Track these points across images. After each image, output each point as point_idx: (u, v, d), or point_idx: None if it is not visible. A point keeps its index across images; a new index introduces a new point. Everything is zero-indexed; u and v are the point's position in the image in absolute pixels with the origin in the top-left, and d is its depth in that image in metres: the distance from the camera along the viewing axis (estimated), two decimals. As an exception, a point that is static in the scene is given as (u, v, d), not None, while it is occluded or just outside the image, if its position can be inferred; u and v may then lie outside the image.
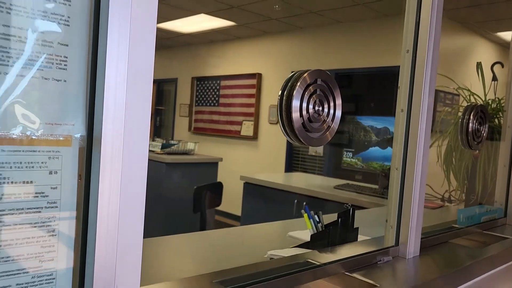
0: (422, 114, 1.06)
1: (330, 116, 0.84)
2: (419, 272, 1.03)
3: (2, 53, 0.48)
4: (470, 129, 1.31)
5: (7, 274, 0.51)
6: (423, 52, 1.05)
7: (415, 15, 1.07)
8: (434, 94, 1.08)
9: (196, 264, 1.07)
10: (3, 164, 0.50)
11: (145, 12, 0.54)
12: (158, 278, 0.88)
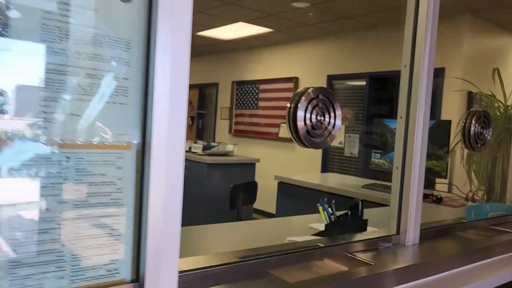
0: (418, 120, 1.22)
1: (330, 124, 1.04)
2: (413, 256, 1.20)
3: (89, 86, 0.73)
4: (472, 132, 1.44)
5: (91, 237, 0.75)
6: (419, 67, 1.21)
7: (411, 33, 1.24)
8: (430, 101, 1.24)
9: (226, 245, 1.30)
10: (90, 162, 0.74)
11: (180, 60, 0.77)
12: (195, 253, 1.11)
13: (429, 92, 1.22)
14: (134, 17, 0.77)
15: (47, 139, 0.70)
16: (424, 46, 1.19)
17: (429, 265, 1.18)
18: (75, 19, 0.71)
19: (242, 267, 0.96)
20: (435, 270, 1.17)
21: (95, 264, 0.77)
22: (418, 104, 1.21)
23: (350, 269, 1.07)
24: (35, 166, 0.70)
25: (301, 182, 3.07)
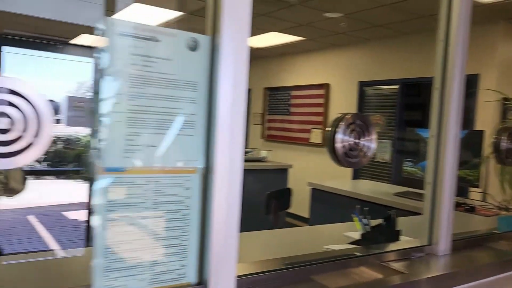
0: (449, 140, 1.32)
1: (365, 147, 1.15)
2: (445, 266, 1.29)
3: (164, 122, 0.88)
4: (502, 148, 1.52)
5: (166, 246, 0.90)
6: (449, 90, 1.31)
7: (442, 55, 1.34)
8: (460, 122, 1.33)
9: (269, 253, 1.43)
10: (164, 184, 0.89)
11: (239, 98, 0.91)
12: (241, 260, 1.24)
13: (459, 113, 1.31)
14: (200, 63, 0.91)
15: (132, 166, 0.86)
16: (455, 67, 1.29)
17: (461, 274, 1.27)
18: (154, 68, 0.86)
19: (287, 274, 1.09)
20: (467, 279, 1.26)
21: (167, 269, 0.91)
22: (449, 126, 1.31)
23: (385, 277, 1.18)
24: (121, 188, 0.85)
25: (334, 189, 3.17)
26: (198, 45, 0.91)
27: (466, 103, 1.35)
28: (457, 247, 1.43)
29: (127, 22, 0.83)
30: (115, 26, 0.82)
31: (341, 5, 4.17)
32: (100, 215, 0.83)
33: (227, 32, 0.89)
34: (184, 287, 0.94)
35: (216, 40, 0.90)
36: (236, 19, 0.90)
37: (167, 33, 0.87)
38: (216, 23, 0.90)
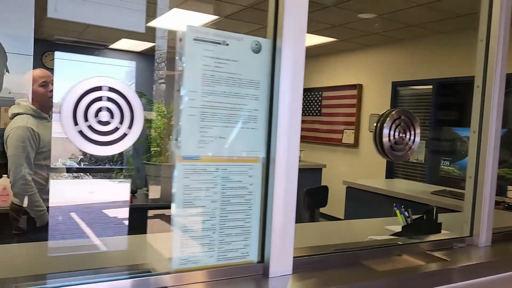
0: (490, 136, 1.37)
1: (411, 140, 1.23)
2: (486, 255, 1.35)
3: (231, 117, 0.99)
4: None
5: (232, 227, 1.01)
6: (490, 88, 1.37)
7: (483, 55, 1.40)
8: (501, 118, 1.39)
9: (315, 242, 1.52)
10: (231, 172, 1.00)
11: (296, 95, 1.01)
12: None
13: (500, 110, 1.37)
14: (262, 64, 1.02)
15: (204, 155, 0.97)
16: (496, 62, 1.35)
17: (501, 264, 1.33)
18: (224, 68, 0.98)
19: (337, 257, 1.18)
20: (507, 268, 1.32)
21: (233, 248, 1.03)
22: (490, 122, 1.36)
23: (428, 263, 1.25)
24: (196, 174, 0.97)
25: (370, 188, 3.22)
26: (261, 47, 1.02)
27: (506, 102, 1.41)
28: (497, 239, 1.48)
29: (201, 28, 0.94)
30: (191, 33, 0.94)
31: (375, 6, 4.22)
32: (178, 198, 0.95)
33: (288, 36, 0.99)
34: (247, 265, 1.04)
35: (278, 43, 1.01)
36: (295, 25, 1.00)
37: (235, 37, 0.99)
38: (278, 28, 1.00)
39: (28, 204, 2.43)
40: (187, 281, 0.97)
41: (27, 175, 2.36)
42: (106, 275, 0.93)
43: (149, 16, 4.69)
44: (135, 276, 0.94)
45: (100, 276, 0.92)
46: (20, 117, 2.40)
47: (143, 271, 0.97)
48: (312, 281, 1.05)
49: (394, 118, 1.21)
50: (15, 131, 2.36)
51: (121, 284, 0.92)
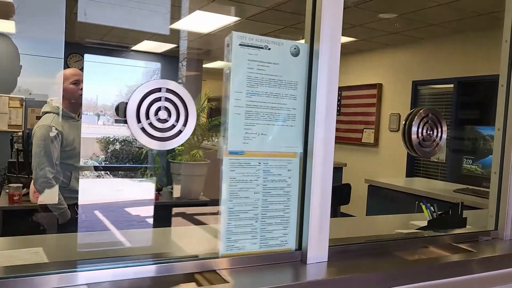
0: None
1: (438, 137, 1.30)
2: (510, 247, 1.40)
3: (272, 115, 1.07)
4: None
5: (272, 217, 1.10)
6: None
7: (508, 55, 1.45)
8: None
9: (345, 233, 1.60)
10: (272, 165, 1.09)
11: (332, 95, 1.09)
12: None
13: (524, 108, 1.43)
14: (300, 66, 1.11)
15: (248, 150, 1.06)
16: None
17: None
18: (266, 71, 1.06)
19: (369, 247, 1.26)
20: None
21: (273, 236, 1.11)
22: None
23: (454, 254, 1.32)
24: (241, 167, 1.06)
25: (393, 186, 3.27)
26: (299, 51, 1.10)
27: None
28: (522, 233, 1.53)
29: (246, 34, 1.03)
30: (238, 39, 1.03)
31: (395, 6, 4.25)
32: (225, 189, 1.04)
33: (325, 41, 1.08)
34: (286, 252, 1.13)
35: (315, 47, 1.09)
36: (332, 30, 1.08)
37: (276, 42, 1.07)
38: (315, 33, 1.09)
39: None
40: (232, 265, 1.06)
41: (48, 173, 2.39)
42: (156, 259, 1.03)
43: (173, 18, 4.81)
44: (184, 260, 1.03)
45: (149, 260, 1.01)
46: (47, 115, 2.46)
47: (191, 256, 1.07)
48: (346, 268, 1.13)
49: (422, 116, 1.28)
50: (39, 130, 2.41)
51: (173, 267, 1.01)
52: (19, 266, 1.03)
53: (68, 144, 2.46)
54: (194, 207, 3.94)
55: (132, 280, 0.96)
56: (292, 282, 1.03)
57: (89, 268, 0.93)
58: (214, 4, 4.44)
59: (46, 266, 1.12)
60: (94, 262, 0.96)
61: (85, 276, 0.92)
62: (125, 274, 0.95)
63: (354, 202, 4.31)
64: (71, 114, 2.50)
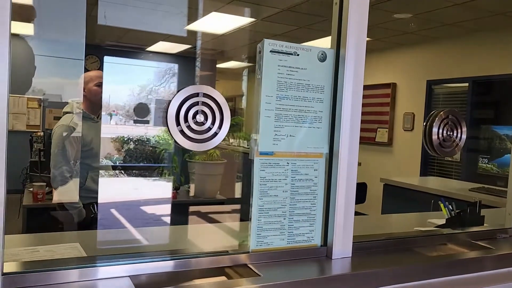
0: (532, 133, 1.47)
1: (458, 138, 1.34)
2: (529, 245, 1.44)
3: (300, 117, 1.13)
4: None
5: (299, 215, 1.16)
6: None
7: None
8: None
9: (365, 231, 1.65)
10: (299, 165, 1.15)
11: (357, 97, 1.15)
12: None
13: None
14: (327, 71, 1.16)
15: (277, 151, 1.12)
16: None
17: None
18: (295, 76, 1.12)
19: (390, 243, 1.31)
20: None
21: (301, 233, 1.17)
22: (532, 120, 1.46)
23: (473, 250, 1.36)
24: (270, 167, 1.12)
25: (409, 185, 3.30)
26: (326, 57, 1.16)
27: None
28: (539, 231, 1.56)
29: (277, 42, 1.09)
30: (269, 45, 1.09)
31: (410, 6, 4.27)
32: (256, 188, 1.11)
33: (351, 47, 1.13)
34: (312, 248, 1.19)
35: (341, 53, 1.15)
36: (357, 37, 1.14)
37: (304, 48, 1.13)
38: (342, 39, 1.14)
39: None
40: (262, 260, 1.12)
41: (66, 172, 2.45)
42: (187, 254, 1.09)
43: (188, 20, 4.88)
44: (216, 255, 1.10)
45: (181, 255, 1.08)
46: (67, 115, 2.51)
47: (221, 251, 1.13)
48: (369, 262, 1.18)
49: (442, 118, 1.33)
50: (58, 129, 2.47)
51: (206, 261, 1.08)
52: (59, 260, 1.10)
53: (86, 144, 2.51)
54: (211, 206, 4.02)
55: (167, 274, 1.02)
56: (318, 275, 1.09)
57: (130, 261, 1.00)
58: (230, 6, 4.51)
59: (83, 260, 1.19)
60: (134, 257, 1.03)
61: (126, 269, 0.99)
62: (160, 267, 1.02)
63: (369, 202, 4.35)
64: (91, 115, 2.55)
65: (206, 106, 1.01)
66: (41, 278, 0.90)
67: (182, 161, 4.31)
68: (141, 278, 0.99)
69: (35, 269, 0.91)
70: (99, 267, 0.97)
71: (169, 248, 1.35)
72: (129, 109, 5.88)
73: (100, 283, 0.95)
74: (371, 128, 6.35)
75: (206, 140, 1.02)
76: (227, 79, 8.73)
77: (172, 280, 1.02)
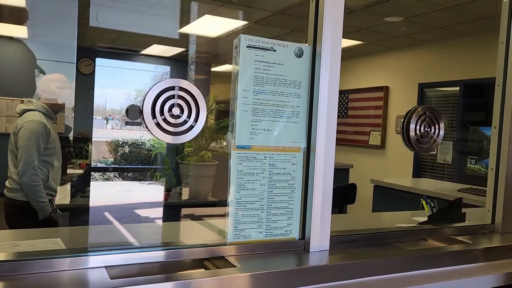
0: (511, 130, 1.49)
1: (435, 134, 1.36)
2: (506, 240, 1.46)
3: (277, 112, 1.15)
4: None
5: (277, 208, 1.18)
6: (510, 87, 1.49)
7: (504, 57, 1.52)
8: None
9: (348, 228, 1.66)
10: (277, 160, 1.17)
11: (333, 93, 1.17)
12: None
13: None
14: (304, 67, 1.18)
15: (254, 145, 1.14)
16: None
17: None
18: (271, 71, 1.14)
19: (369, 237, 1.33)
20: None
21: (278, 226, 1.19)
22: (510, 117, 1.48)
23: (451, 245, 1.38)
24: (248, 161, 1.14)
25: (398, 186, 3.32)
26: (302, 53, 1.18)
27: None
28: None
29: (253, 37, 1.11)
30: (245, 41, 1.11)
31: (401, 9, 4.31)
32: (233, 182, 1.12)
33: (326, 43, 1.15)
34: (290, 241, 1.20)
35: (317, 49, 1.17)
36: (333, 33, 1.16)
37: (281, 44, 1.15)
38: (318, 36, 1.16)
39: (32, 196, 2.48)
40: (240, 252, 1.13)
41: (36, 167, 2.45)
42: (168, 246, 1.11)
43: (182, 23, 4.91)
44: (195, 247, 1.11)
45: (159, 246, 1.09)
46: (33, 113, 2.50)
47: (200, 244, 1.14)
48: (347, 255, 1.20)
49: (419, 114, 1.35)
50: (30, 124, 2.46)
51: (185, 252, 1.09)
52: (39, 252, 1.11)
53: (52, 141, 2.54)
54: (202, 208, 4.03)
55: (142, 265, 1.03)
56: (294, 267, 1.11)
57: (106, 252, 1.01)
58: (223, 9, 4.54)
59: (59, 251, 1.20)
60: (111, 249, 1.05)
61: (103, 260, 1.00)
62: (135, 259, 1.03)
63: (360, 203, 4.37)
64: (53, 115, 2.61)
65: (182, 99, 1.02)
66: (16, 267, 0.91)
67: (174, 163, 4.32)
68: (117, 269, 1.00)
69: (10, 259, 0.92)
70: (75, 257, 0.98)
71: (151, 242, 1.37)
72: (125, 113, 5.88)
73: (76, 273, 0.96)
74: (364, 131, 6.38)
75: (182, 133, 1.03)
76: (222, 82, 8.76)
77: (149, 271, 1.03)
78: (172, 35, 5.34)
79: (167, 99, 1.00)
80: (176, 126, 1.02)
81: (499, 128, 1.52)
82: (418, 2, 4.00)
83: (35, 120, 2.47)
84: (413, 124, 1.34)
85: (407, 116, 1.36)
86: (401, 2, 4.09)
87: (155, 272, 1.03)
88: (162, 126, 1.00)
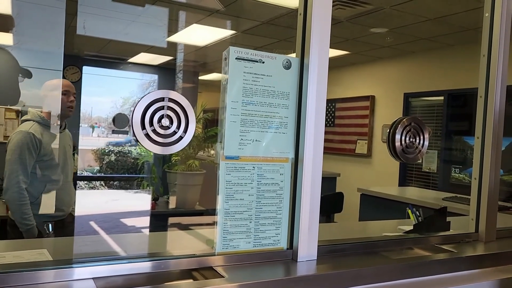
0: (493, 141, 1.53)
1: (420, 144, 1.39)
2: (490, 249, 1.49)
3: (265, 123, 1.17)
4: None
5: (265, 218, 1.18)
6: (492, 98, 1.53)
7: (485, 69, 1.56)
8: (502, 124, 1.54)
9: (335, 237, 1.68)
10: (265, 170, 1.18)
11: (321, 103, 1.19)
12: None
13: (500, 118, 1.53)
14: (292, 78, 1.20)
15: (242, 156, 1.15)
16: (497, 75, 1.51)
17: (506, 256, 1.47)
18: (260, 82, 1.16)
19: (356, 246, 1.34)
20: (510, 260, 1.46)
21: (266, 236, 1.20)
22: (492, 128, 1.52)
23: (436, 253, 1.40)
24: (236, 171, 1.14)
25: (384, 194, 3.36)
26: (290, 64, 1.20)
27: (509, 112, 1.56)
28: (501, 236, 1.62)
29: (242, 49, 1.13)
30: (234, 53, 1.12)
31: (386, 20, 4.39)
32: (222, 192, 1.13)
33: (314, 55, 1.17)
34: (278, 251, 1.21)
35: (305, 61, 1.19)
36: (320, 46, 1.18)
37: (270, 56, 1.17)
38: (306, 48, 1.18)
39: (16, 216, 2.24)
40: (228, 262, 1.14)
41: (22, 183, 2.20)
42: (156, 257, 1.10)
43: (170, 31, 4.92)
44: (183, 257, 1.11)
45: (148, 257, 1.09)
46: (26, 123, 2.31)
47: (189, 254, 1.14)
48: (334, 264, 1.21)
49: (405, 124, 1.37)
50: (15, 136, 2.25)
51: (173, 263, 1.09)
52: (25, 263, 1.10)
53: (47, 153, 2.30)
54: (190, 217, 4.01)
55: (130, 276, 1.03)
56: (282, 277, 1.11)
57: (94, 264, 1.01)
58: (211, 18, 4.56)
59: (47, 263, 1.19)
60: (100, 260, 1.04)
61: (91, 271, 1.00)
62: (123, 270, 1.02)
63: (347, 211, 4.40)
64: (49, 124, 2.36)
65: (172, 110, 1.03)
66: (1, 279, 0.90)
67: (161, 172, 4.29)
68: (105, 280, 1.00)
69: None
70: (62, 269, 0.97)
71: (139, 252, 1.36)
72: (112, 122, 5.85)
73: (63, 285, 0.95)
74: (351, 140, 6.44)
75: (171, 143, 1.04)
76: (210, 91, 8.77)
77: (137, 282, 1.02)
78: (160, 44, 5.34)
79: (157, 110, 1.01)
80: (166, 137, 1.03)
81: (482, 138, 1.56)
82: (403, 14, 4.08)
83: (23, 130, 2.25)
84: (399, 134, 1.37)
85: (392, 127, 1.39)
86: (387, 14, 4.17)
87: (143, 283, 1.03)
88: (152, 137, 1.01)
